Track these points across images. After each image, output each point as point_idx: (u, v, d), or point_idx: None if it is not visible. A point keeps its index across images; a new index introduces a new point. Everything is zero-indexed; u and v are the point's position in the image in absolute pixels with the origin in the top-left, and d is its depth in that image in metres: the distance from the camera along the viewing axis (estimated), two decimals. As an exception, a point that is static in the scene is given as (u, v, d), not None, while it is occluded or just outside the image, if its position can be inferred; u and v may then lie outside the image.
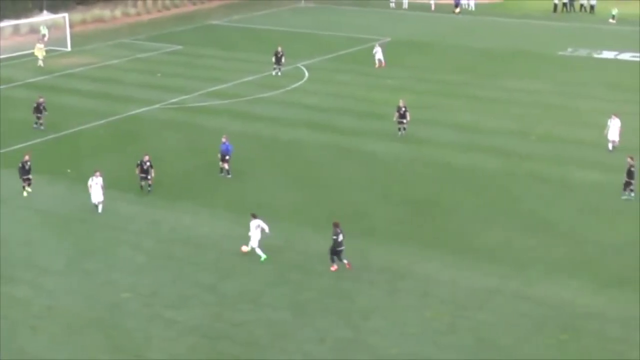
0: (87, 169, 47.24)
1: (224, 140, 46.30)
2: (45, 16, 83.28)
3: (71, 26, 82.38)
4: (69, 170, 46.84)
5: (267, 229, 36.55)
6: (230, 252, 37.39)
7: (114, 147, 51.43)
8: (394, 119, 53.10)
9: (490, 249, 37.68)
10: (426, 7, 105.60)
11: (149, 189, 43.68)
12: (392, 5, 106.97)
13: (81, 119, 55.51)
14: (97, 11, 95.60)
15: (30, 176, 43.46)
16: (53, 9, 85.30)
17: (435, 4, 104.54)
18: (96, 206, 41.23)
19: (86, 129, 54.25)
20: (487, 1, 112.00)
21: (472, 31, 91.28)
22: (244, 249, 37.00)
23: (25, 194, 42.80)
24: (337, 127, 55.21)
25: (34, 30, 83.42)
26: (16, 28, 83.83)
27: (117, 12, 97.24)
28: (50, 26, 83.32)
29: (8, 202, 42.67)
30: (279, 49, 68.36)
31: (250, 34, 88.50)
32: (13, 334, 30.76)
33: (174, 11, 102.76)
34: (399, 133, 52.76)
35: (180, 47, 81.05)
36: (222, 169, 46.25)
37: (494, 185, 45.53)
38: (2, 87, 65.87)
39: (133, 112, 58.16)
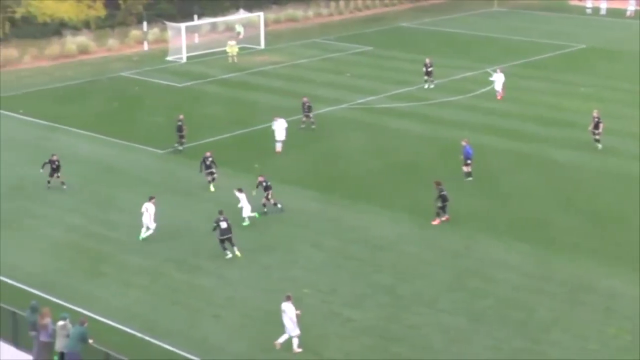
0: (273, 164, 48.39)
1: (464, 143, 46.22)
2: (241, 14, 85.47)
3: (265, 25, 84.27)
4: (256, 165, 47.91)
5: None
6: (408, 254, 37.44)
7: (299, 143, 52.22)
8: (589, 128, 51.47)
9: (679, 267, 36.24)
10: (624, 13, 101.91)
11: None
12: (589, 11, 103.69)
13: (268, 116, 56.50)
14: (290, 11, 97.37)
15: (212, 170, 44.68)
16: (249, 8, 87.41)
17: (636, 10, 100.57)
18: (147, 229, 38.84)
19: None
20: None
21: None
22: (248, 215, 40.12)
23: (212, 188, 44.07)
24: (522, 134, 54.24)
25: (229, 28, 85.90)
26: (213, 26, 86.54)
27: (310, 13, 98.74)
28: (245, 24, 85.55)
29: (195, 195, 44.16)
30: (427, 60, 66.79)
31: (439, 37, 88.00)
32: (197, 322, 31.84)
33: (365, 12, 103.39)
34: (595, 144, 50.95)
35: (369, 48, 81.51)
36: (467, 173, 45.95)
37: (686, 201, 43.69)
38: (196, 82, 68.17)
39: (320, 111, 58.91)
